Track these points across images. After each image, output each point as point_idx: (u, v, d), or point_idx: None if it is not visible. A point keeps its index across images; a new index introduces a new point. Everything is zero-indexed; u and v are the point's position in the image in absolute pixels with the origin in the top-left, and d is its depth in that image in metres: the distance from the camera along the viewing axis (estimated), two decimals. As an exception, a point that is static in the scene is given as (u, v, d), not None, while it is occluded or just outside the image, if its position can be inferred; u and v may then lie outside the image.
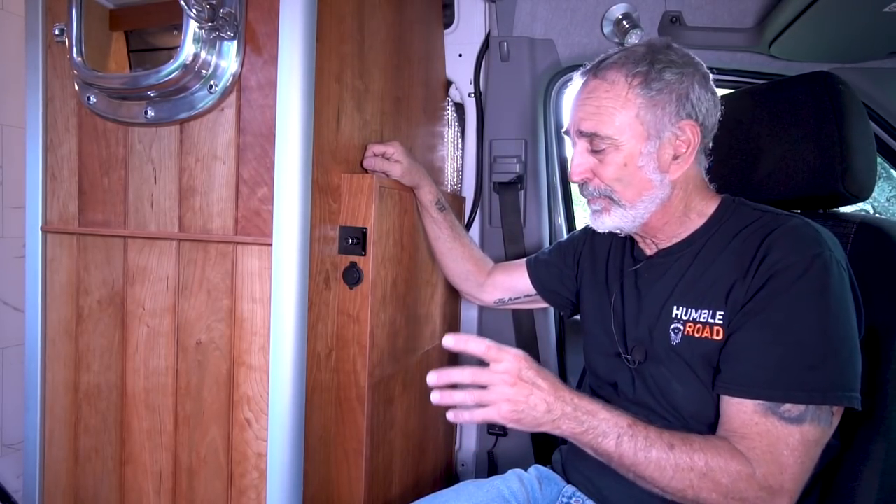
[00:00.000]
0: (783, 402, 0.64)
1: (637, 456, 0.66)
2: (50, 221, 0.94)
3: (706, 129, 0.76)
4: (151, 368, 0.86)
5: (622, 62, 0.75)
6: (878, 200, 2.44)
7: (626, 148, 0.75)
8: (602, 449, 0.68)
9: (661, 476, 0.66)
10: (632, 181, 0.76)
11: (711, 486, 0.64)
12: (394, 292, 0.95)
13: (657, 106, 0.73)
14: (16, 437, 1.56)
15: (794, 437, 0.64)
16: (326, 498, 0.87)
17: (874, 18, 0.91)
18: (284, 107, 0.74)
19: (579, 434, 0.68)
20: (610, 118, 0.75)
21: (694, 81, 0.74)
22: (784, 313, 0.66)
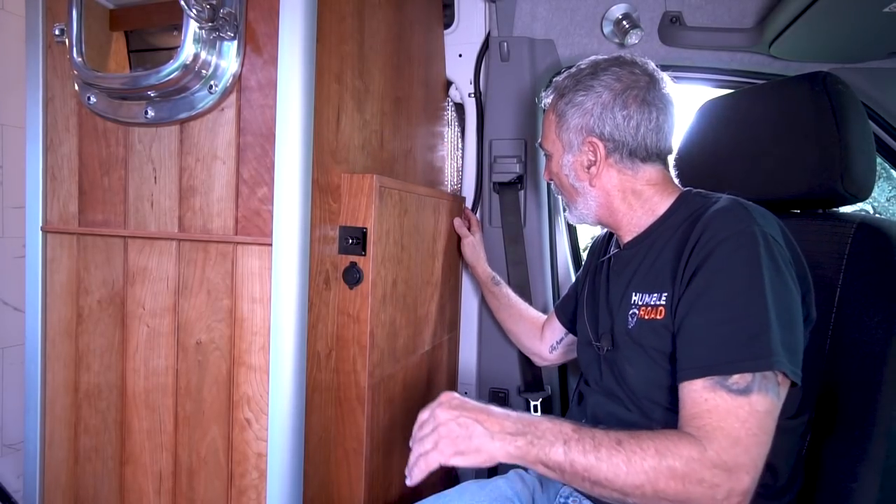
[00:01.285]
0: (730, 375, 0.64)
1: (588, 458, 0.64)
2: (50, 221, 0.94)
3: (616, 142, 0.83)
4: (151, 368, 0.86)
5: (555, 88, 0.90)
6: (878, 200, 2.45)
7: (555, 159, 0.90)
8: (552, 460, 0.66)
9: (617, 474, 0.63)
10: (564, 186, 0.91)
11: (668, 474, 0.62)
12: (394, 292, 0.95)
13: (566, 123, 0.86)
14: (16, 437, 1.56)
15: (743, 409, 0.63)
16: (326, 498, 0.88)
17: (874, 18, 0.91)
18: (284, 107, 0.74)
19: (525, 448, 0.66)
20: (545, 135, 0.92)
21: (598, 103, 0.82)
22: (723, 290, 0.68)
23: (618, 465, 0.63)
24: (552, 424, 0.68)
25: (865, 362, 0.76)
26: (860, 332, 0.78)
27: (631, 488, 0.63)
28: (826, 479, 0.78)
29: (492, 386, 1.37)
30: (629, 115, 0.81)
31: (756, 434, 0.63)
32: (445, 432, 0.69)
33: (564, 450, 0.65)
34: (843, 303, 0.81)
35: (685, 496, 0.61)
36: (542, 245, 1.35)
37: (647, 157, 0.84)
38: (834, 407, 0.80)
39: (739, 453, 0.62)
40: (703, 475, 0.61)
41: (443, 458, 0.69)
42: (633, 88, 0.81)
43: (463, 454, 0.68)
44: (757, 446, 0.63)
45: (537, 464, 0.67)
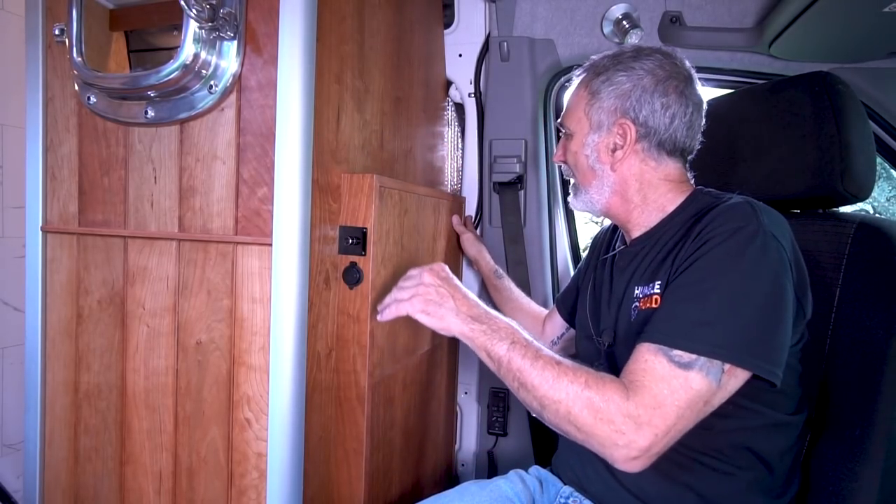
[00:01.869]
0: (674, 348, 0.66)
1: (524, 362, 0.71)
2: (50, 221, 0.94)
3: (649, 128, 0.81)
4: (151, 368, 0.86)
5: (592, 65, 0.87)
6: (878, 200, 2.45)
7: (577, 138, 0.87)
8: (494, 352, 0.73)
9: (542, 383, 0.69)
10: (580, 168, 0.88)
11: (585, 403, 0.66)
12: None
13: (599, 103, 0.83)
14: (16, 437, 1.56)
15: (677, 380, 0.65)
16: (326, 498, 0.88)
17: (874, 18, 0.91)
18: (284, 107, 0.74)
19: (478, 334, 0.75)
20: (570, 112, 0.89)
21: (639, 86, 0.80)
22: (698, 274, 0.69)
23: (547, 377, 0.69)
24: (509, 326, 0.75)
25: (865, 362, 0.76)
26: (860, 332, 0.78)
27: (549, 401, 0.68)
28: (826, 478, 0.78)
29: (492, 386, 1.37)
30: (667, 104, 0.80)
31: (680, 407, 0.64)
32: (423, 292, 0.78)
33: (508, 348, 0.72)
34: (843, 303, 0.81)
35: (590, 429, 0.65)
36: (542, 245, 1.35)
37: (673, 152, 0.83)
38: (834, 407, 0.80)
39: (656, 415, 0.64)
40: (615, 418, 0.64)
41: (412, 311, 0.78)
42: (674, 79, 0.80)
43: (429, 315, 0.78)
44: (676, 418, 0.64)
45: (482, 350, 0.75)
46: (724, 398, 0.68)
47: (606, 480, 0.82)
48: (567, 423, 0.67)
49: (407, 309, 0.78)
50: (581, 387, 0.67)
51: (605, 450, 0.65)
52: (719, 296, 0.67)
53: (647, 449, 0.64)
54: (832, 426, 0.80)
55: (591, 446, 0.67)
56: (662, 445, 0.65)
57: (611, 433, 0.64)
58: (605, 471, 0.82)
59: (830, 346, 0.82)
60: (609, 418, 0.64)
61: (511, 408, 1.37)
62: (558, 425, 0.69)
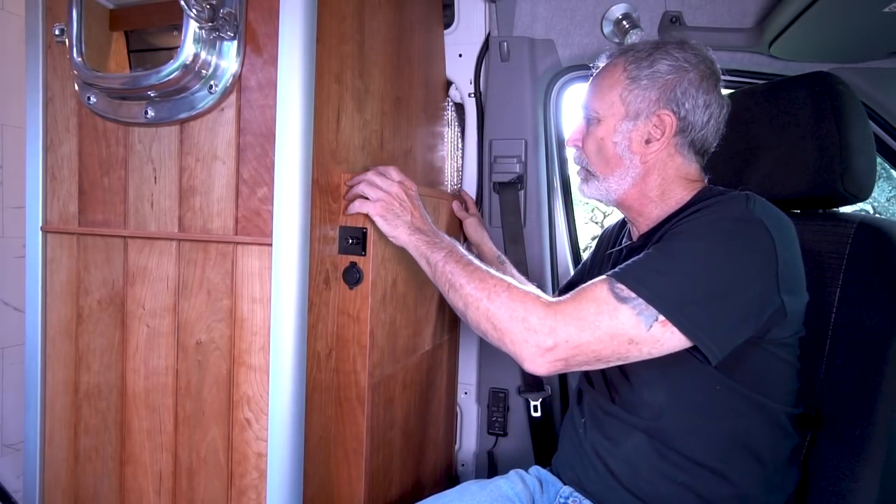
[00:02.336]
0: (619, 282, 0.67)
1: (455, 267, 0.77)
2: (50, 221, 0.94)
3: (687, 124, 0.79)
4: (151, 368, 0.86)
5: (630, 49, 0.83)
6: (878, 200, 2.45)
7: (606, 123, 0.83)
8: (432, 258, 0.80)
9: (468, 283, 0.75)
10: (605, 155, 0.84)
11: (504, 303, 0.70)
12: (394, 292, 0.95)
13: (640, 90, 0.80)
14: (16, 437, 1.56)
15: (607, 306, 0.66)
16: (326, 498, 0.88)
17: (874, 18, 0.91)
18: (284, 107, 0.74)
19: (421, 244, 0.82)
20: (600, 95, 0.84)
21: (685, 78, 0.78)
22: (674, 238, 0.71)
23: (474, 279, 0.75)
24: (451, 243, 0.82)
25: (865, 362, 0.76)
26: (860, 332, 0.78)
27: (472, 299, 0.73)
28: (826, 478, 0.78)
29: (492, 386, 1.37)
30: (709, 102, 0.79)
31: (599, 329, 0.66)
32: (388, 200, 0.83)
33: (445, 255, 0.79)
34: (843, 303, 0.81)
35: (505, 326, 0.69)
36: (542, 245, 1.35)
37: (699, 150, 0.82)
38: (834, 406, 0.80)
39: (571, 327, 0.66)
40: (531, 320, 0.68)
41: (372, 213, 0.83)
42: (715, 77, 0.80)
43: (385, 221, 0.82)
44: (592, 338, 0.66)
45: (422, 258, 0.82)
46: (659, 352, 0.68)
47: (606, 480, 0.82)
48: (486, 321, 0.72)
49: (369, 209, 0.83)
50: (504, 290, 0.72)
51: (515, 346, 0.69)
52: (682, 256, 0.68)
53: (551, 349, 0.67)
54: (832, 425, 0.79)
55: (504, 345, 0.70)
56: (567, 356, 0.67)
57: (523, 331, 0.68)
58: (604, 470, 0.83)
59: (830, 346, 0.82)
60: (524, 317, 0.68)
61: (511, 408, 1.37)
62: (478, 324, 0.73)
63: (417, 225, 0.84)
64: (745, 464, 0.75)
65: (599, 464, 0.83)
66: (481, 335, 0.74)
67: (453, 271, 0.77)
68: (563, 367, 0.68)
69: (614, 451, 0.82)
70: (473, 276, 0.75)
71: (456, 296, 0.76)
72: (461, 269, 0.77)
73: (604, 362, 0.69)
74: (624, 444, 0.81)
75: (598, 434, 0.86)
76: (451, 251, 0.80)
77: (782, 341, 0.73)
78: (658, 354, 0.68)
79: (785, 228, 0.71)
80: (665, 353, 0.68)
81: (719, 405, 0.74)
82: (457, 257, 0.79)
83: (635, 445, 0.80)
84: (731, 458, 0.75)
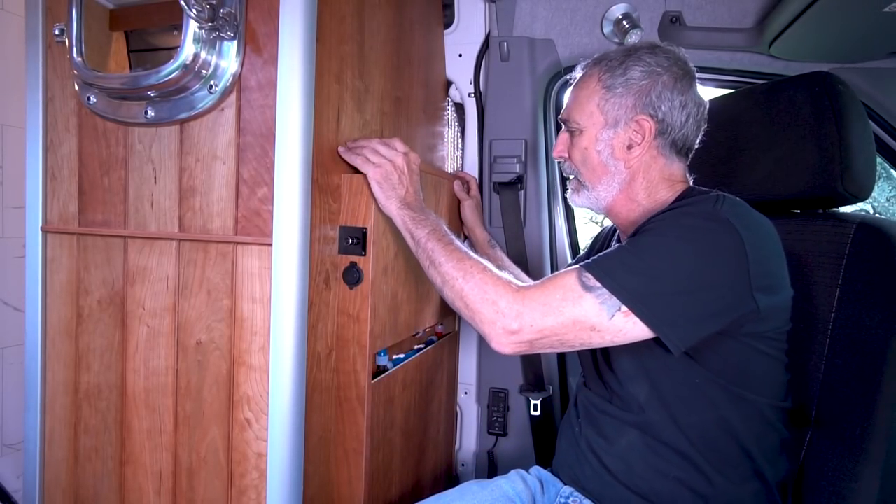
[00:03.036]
0: (587, 272, 0.70)
1: (437, 245, 0.80)
2: (50, 221, 0.94)
3: (666, 125, 0.81)
4: (151, 368, 0.86)
5: (603, 58, 0.85)
6: (878, 200, 2.44)
7: (588, 133, 0.85)
8: (416, 234, 0.83)
9: (447, 262, 0.78)
10: (591, 164, 0.86)
11: (477, 285, 0.74)
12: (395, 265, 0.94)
13: (616, 98, 0.82)
14: (16, 437, 1.56)
15: (573, 294, 0.70)
16: (326, 498, 0.88)
17: (874, 18, 0.91)
18: (284, 107, 0.74)
19: (408, 219, 0.84)
20: (579, 106, 0.87)
21: (659, 82, 0.80)
22: (639, 237, 0.73)
23: (452, 258, 0.78)
24: (436, 221, 0.85)
25: (865, 362, 0.76)
26: (860, 332, 0.78)
27: (450, 277, 0.77)
28: (826, 478, 0.78)
29: (492, 386, 1.37)
30: (685, 101, 0.80)
31: (563, 316, 0.69)
32: (389, 168, 0.85)
33: (427, 233, 0.82)
34: (843, 303, 0.81)
35: (477, 307, 0.73)
36: (543, 245, 1.35)
37: (680, 151, 0.83)
38: (834, 406, 0.80)
39: (536, 312, 0.70)
40: (500, 303, 0.72)
41: (371, 175, 0.84)
42: (689, 77, 0.81)
43: (380, 189, 0.84)
44: (556, 324, 0.70)
45: (407, 232, 0.85)
46: (622, 340, 0.70)
47: (602, 477, 0.83)
48: (460, 300, 0.76)
49: (369, 171, 0.85)
50: (479, 272, 0.76)
51: (484, 326, 0.73)
52: (648, 251, 0.70)
53: (516, 332, 0.70)
54: (832, 426, 0.80)
55: (475, 323, 0.75)
56: (531, 339, 0.71)
57: (492, 313, 0.72)
58: (600, 468, 0.83)
59: (830, 346, 0.82)
60: (494, 300, 0.72)
61: (511, 408, 1.37)
62: (453, 301, 0.78)
63: (408, 200, 0.85)
64: (737, 458, 0.76)
65: (596, 461, 0.84)
66: (456, 311, 0.78)
67: (434, 248, 0.80)
68: (528, 349, 0.72)
69: (609, 448, 0.83)
70: (452, 255, 0.79)
71: (435, 272, 0.80)
72: (442, 248, 0.80)
73: (568, 346, 0.72)
74: (618, 442, 0.82)
75: (593, 432, 0.87)
76: (434, 229, 0.83)
77: (762, 335, 0.74)
78: (622, 343, 0.71)
79: (756, 227, 0.71)
80: (629, 342, 0.71)
81: (699, 397, 0.75)
82: (439, 235, 0.82)
83: (629, 442, 0.81)
84: (717, 449, 0.76)
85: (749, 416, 0.75)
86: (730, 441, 0.75)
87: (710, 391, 0.75)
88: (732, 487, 0.75)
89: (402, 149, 0.87)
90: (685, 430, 0.76)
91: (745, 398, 0.75)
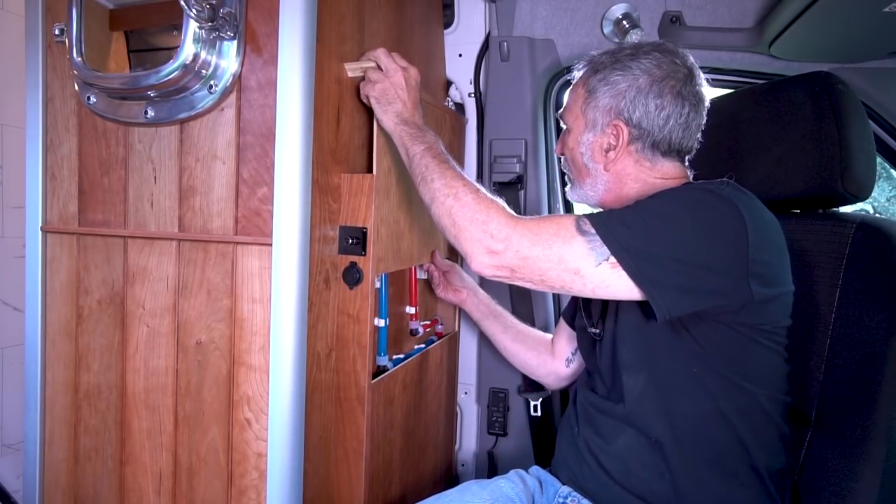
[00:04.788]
0: (588, 220, 0.71)
1: (431, 161, 0.79)
2: (50, 221, 0.94)
3: (643, 130, 0.81)
4: (151, 368, 0.86)
5: (591, 60, 0.86)
6: (878, 200, 2.44)
7: (573, 134, 0.87)
8: (412, 150, 0.82)
9: (441, 177, 0.78)
10: (576, 164, 0.88)
11: (469, 202, 0.74)
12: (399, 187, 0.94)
13: (595, 101, 0.83)
14: (16, 437, 1.56)
15: (567, 232, 0.70)
16: (326, 498, 0.88)
17: (874, 18, 0.91)
18: (284, 107, 0.74)
19: (405, 135, 0.83)
20: (569, 107, 0.89)
21: (634, 87, 0.80)
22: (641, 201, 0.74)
23: (446, 176, 0.77)
24: (434, 139, 0.83)
25: (865, 362, 0.76)
26: (860, 332, 0.78)
27: (440, 194, 0.76)
28: (826, 478, 0.78)
29: (492, 386, 1.37)
30: (662, 105, 0.79)
31: (550, 249, 0.70)
32: (387, 84, 0.85)
33: (423, 149, 0.81)
34: (843, 303, 0.81)
35: (465, 225, 0.73)
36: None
37: (668, 152, 0.83)
38: (834, 406, 0.80)
39: (525, 239, 0.70)
40: (490, 224, 0.72)
41: (369, 93, 0.86)
42: (671, 78, 0.80)
43: (378, 104, 0.85)
44: (539, 255, 0.70)
45: (402, 147, 0.84)
46: (604, 292, 0.71)
47: (600, 477, 0.83)
48: (447, 217, 0.75)
49: (368, 90, 0.86)
50: (472, 193, 0.75)
51: (467, 244, 0.73)
52: (648, 212, 0.71)
53: (498, 254, 0.71)
54: (832, 425, 0.79)
55: (458, 242, 0.75)
56: (513, 265, 0.71)
57: (480, 232, 0.72)
58: (598, 468, 0.84)
59: (830, 346, 0.82)
60: (485, 220, 0.72)
61: (511, 408, 1.37)
62: (440, 219, 0.77)
63: (405, 116, 0.84)
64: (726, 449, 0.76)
65: (594, 462, 0.84)
66: (441, 230, 0.78)
67: (428, 165, 0.79)
68: (507, 276, 0.72)
69: (607, 448, 0.83)
70: (446, 173, 0.78)
71: (425, 188, 0.79)
72: (436, 165, 0.79)
73: (548, 285, 0.72)
74: (615, 442, 0.82)
75: (591, 432, 0.87)
76: (430, 147, 0.81)
77: (759, 327, 0.74)
78: (603, 295, 0.72)
79: (758, 214, 0.72)
80: (611, 297, 0.72)
81: (697, 387, 0.76)
82: (435, 153, 0.81)
83: (626, 442, 0.81)
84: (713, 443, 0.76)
85: (746, 408, 0.75)
86: (726, 433, 0.75)
87: (708, 381, 0.75)
88: (728, 484, 0.75)
89: (401, 63, 0.86)
90: (681, 422, 0.76)
91: (742, 388, 0.75)
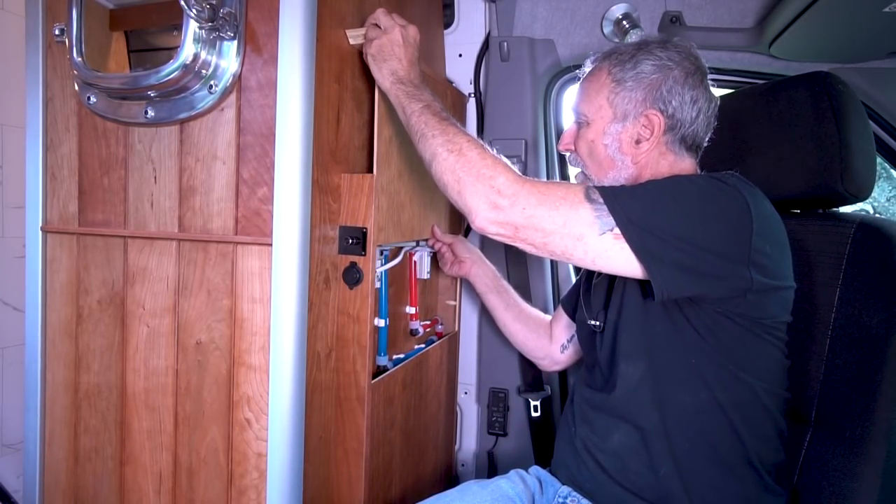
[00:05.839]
0: (595, 187, 0.72)
1: (430, 119, 0.78)
2: (50, 221, 0.94)
3: (676, 121, 0.80)
4: (151, 368, 0.86)
5: (613, 52, 0.84)
6: (878, 200, 2.44)
7: (595, 126, 0.84)
8: (409, 108, 0.80)
9: (442, 133, 0.76)
10: (597, 157, 0.85)
11: (474, 157, 0.73)
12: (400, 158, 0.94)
13: (626, 92, 0.81)
14: (16, 437, 1.56)
15: (575, 198, 0.70)
16: (326, 498, 0.88)
17: (874, 18, 0.91)
18: (284, 107, 0.74)
19: (401, 94, 0.81)
20: (588, 98, 0.85)
21: (670, 77, 0.79)
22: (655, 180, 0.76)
23: (447, 132, 0.76)
24: (432, 97, 0.81)
25: (865, 362, 0.76)
26: (860, 332, 0.78)
27: (443, 150, 0.75)
28: (827, 478, 0.78)
29: (492, 386, 1.37)
30: (696, 97, 0.79)
31: (556, 211, 0.70)
32: (386, 40, 0.83)
33: (421, 107, 0.79)
34: (843, 303, 0.81)
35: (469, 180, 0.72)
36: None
37: (691, 147, 0.83)
38: (834, 406, 0.80)
39: (533, 197, 0.70)
40: (498, 180, 0.71)
41: (366, 51, 0.85)
42: (700, 72, 0.80)
43: (375, 62, 0.84)
44: (545, 214, 0.70)
45: (399, 107, 0.82)
46: (605, 264, 0.72)
47: (597, 475, 0.83)
48: (450, 173, 0.73)
49: (366, 48, 0.85)
50: (476, 148, 0.74)
51: (472, 198, 0.71)
52: (656, 192, 0.72)
53: (503, 210, 0.70)
54: (832, 425, 0.80)
55: (461, 197, 0.73)
56: (517, 223, 0.70)
57: (486, 188, 0.71)
58: (595, 466, 0.84)
59: (830, 345, 0.82)
60: (492, 175, 0.71)
61: (511, 408, 1.37)
62: (441, 175, 0.75)
63: (401, 74, 0.82)
64: (722, 441, 0.75)
65: (591, 461, 0.84)
66: (441, 188, 0.76)
67: (427, 122, 0.78)
68: (510, 236, 0.72)
69: (603, 445, 0.83)
70: (448, 129, 0.76)
71: (425, 145, 0.77)
72: (437, 122, 0.77)
73: (549, 250, 0.72)
74: (611, 439, 0.82)
75: (587, 430, 0.87)
76: (429, 104, 0.80)
77: (759, 320, 0.74)
78: (602, 267, 0.72)
79: (763, 206, 0.73)
80: (610, 270, 0.73)
81: (695, 377, 0.76)
82: (434, 110, 0.79)
83: (621, 440, 0.81)
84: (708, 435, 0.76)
85: (743, 399, 0.75)
86: (722, 424, 0.75)
87: (707, 371, 0.75)
88: (724, 476, 0.75)
89: (399, 21, 0.85)
90: (675, 412, 0.76)
91: (740, 378, 0.75)
